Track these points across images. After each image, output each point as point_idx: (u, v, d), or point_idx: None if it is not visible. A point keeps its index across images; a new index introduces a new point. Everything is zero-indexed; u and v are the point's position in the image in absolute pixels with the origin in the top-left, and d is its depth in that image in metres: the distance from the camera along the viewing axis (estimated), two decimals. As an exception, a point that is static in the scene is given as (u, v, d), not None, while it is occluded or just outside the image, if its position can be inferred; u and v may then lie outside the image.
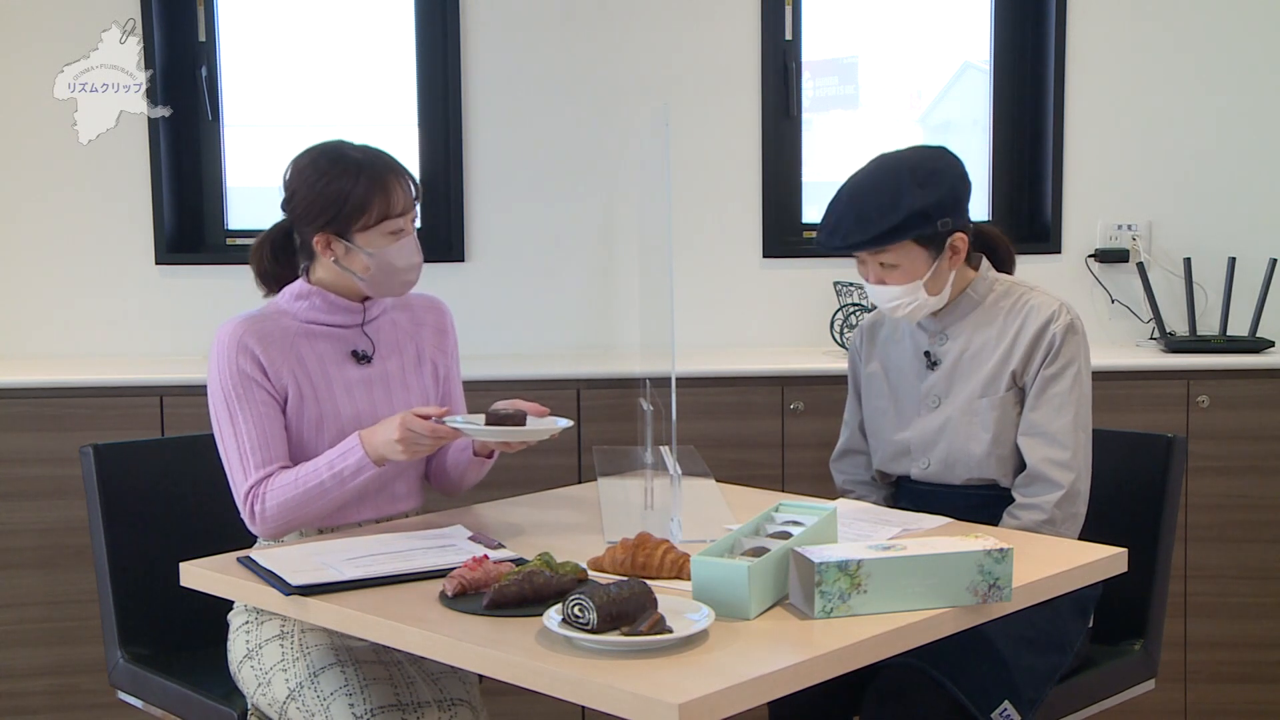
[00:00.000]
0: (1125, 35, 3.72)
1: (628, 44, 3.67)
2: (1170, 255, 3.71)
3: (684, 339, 3.56)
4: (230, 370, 2.19)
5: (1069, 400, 2.32)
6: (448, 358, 2.41)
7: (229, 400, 2.19)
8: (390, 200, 2.20)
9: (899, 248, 2.31)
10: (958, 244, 2.35)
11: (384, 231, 2.20)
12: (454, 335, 2.44)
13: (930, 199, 2.29)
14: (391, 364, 2.33)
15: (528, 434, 2.18)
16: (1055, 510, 2.27)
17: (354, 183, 2.18)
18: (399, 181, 2.22)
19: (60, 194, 3.59)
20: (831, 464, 2.63)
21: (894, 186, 2.30)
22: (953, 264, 2.36)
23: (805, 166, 3.77)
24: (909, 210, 2.28)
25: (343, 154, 2.22)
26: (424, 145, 3.71)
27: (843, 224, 2.34)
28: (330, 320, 2.29)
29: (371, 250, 2.20)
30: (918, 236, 2.31)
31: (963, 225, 2.35)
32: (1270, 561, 3.34)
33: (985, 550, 1.77)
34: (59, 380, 3.19)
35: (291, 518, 2.17)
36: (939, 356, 2.43)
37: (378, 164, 2.22)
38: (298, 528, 2.21)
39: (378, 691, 2.03)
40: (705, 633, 1.62)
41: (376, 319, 2.34)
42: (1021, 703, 2.11)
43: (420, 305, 2.42)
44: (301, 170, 2.23)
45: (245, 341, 2.20)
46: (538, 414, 2.23)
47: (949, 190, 2.32)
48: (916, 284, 2.34)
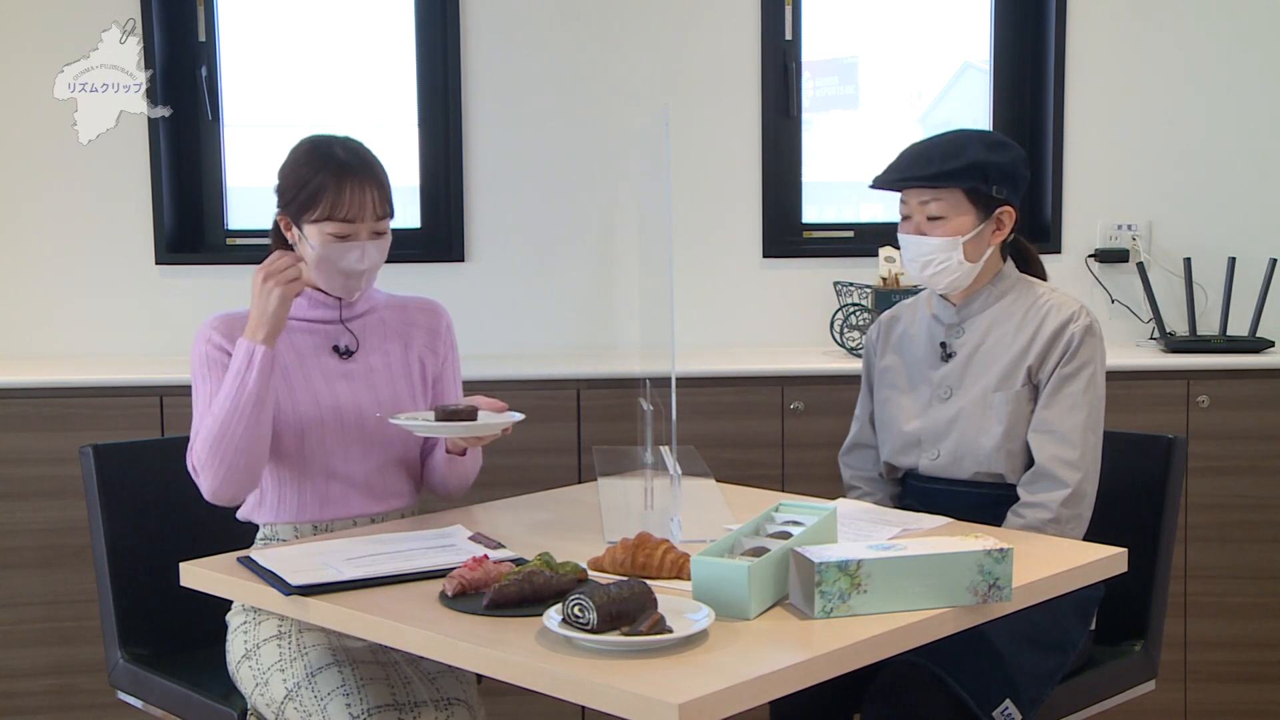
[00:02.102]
0: (1125, 35, 3.72)
1: (628, 44, 3.67)
2: (1170, 255, 3.71)
3: (684, 339, 3.56)
4: (199, 355, 2.26)
5: (1082, 401, 2.32)
6: (438, 358, 2.42)
7: (195, 379, 2.26)
8: (337, 202, 2.21)
9: (950, 195, 2.35)
10: (1004, 218, 2.38)
11: (329, 230, 2.22)
12: (448, 337, 2.44)
13: (993, 160, 2.34)
14: (375, 359, 2.35)
15: (470, 429, 2.17)
16: (1061, 509, 2.27)
17: (314, 174, 2.22)
18: (360, 188, 2.22)
19: (60, 194, 3.59)
20: (840, 458, 2.63)
21: (962, 142, 2.37)
22: (995, 237, 2.39)
23: (805, 166, 3.77)
24: (971, 160, 2.33)
25: (323, 146, 2.26)
26: (424, 145, 3.71)
27: (903, 163, 2.39)
28: (310, 315, 2.32)
29: (314, 244, 2.24)
30: (971, 191, 2.34)
31: (1014, 203, 2.39)
32: (1270, 561, 3.34)
33: (985, 550, 1.77)
34: (59, 380, 3.19)
35: (221, 453, 2.14)
36: (954, 348, 2.43)
37: (346, 165, 2.23)
38: (237, 473, 2.16)
39: (375, 691, 2.04)
40: (705, 633, 1.62)
41: (363, 316, 2.36)
42: (1023, 702, 2.11)
43: (415, 306, 2.44)
44: (290, 152, 2.29)
45: (213, 336, 2.26)
46: (494, 409, 2.24)
47: (1010, 163, 2.37)
48: (956, 241, 2.35)
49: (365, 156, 2.26)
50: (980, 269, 2.40)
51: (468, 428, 2.17)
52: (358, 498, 2.30)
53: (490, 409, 2.24)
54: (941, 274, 2.39)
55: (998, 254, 2.43)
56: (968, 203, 2.35)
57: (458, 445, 2.31)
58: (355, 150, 2.26)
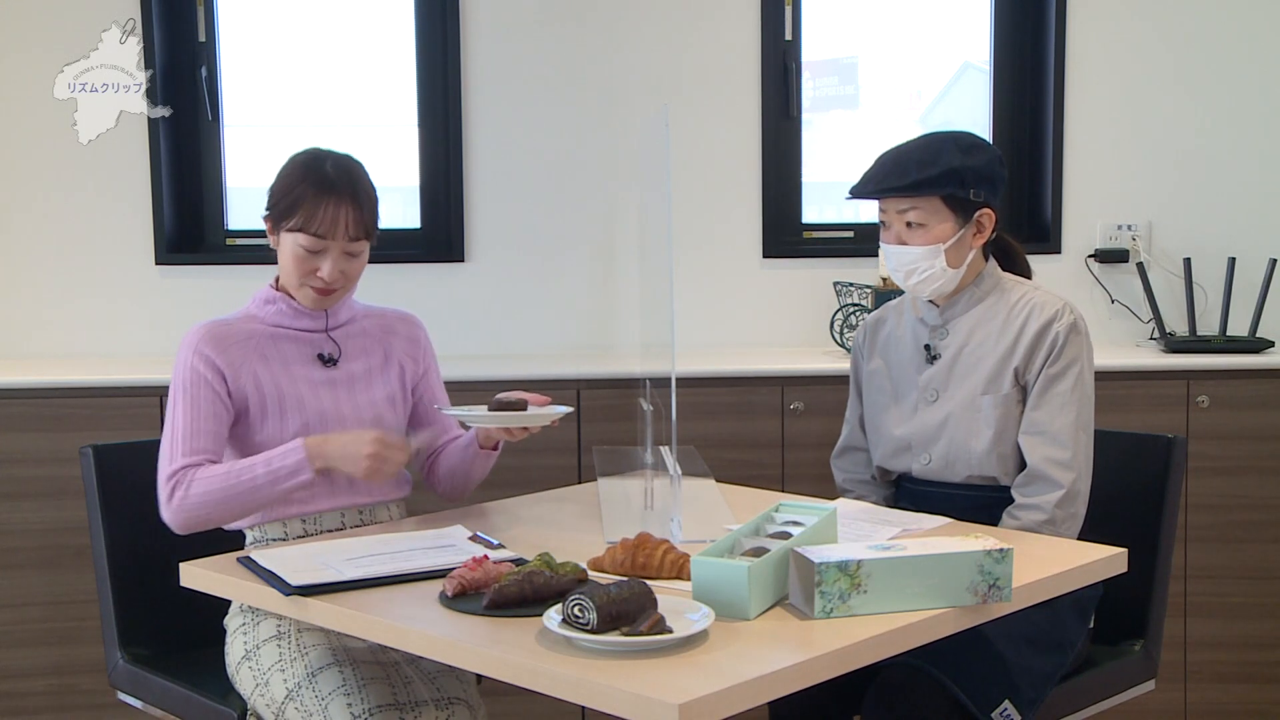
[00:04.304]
0: (1125, 36, 3.72)
1: (628, 44, 3.67)
2: (1170, 255, 3.71)
3: (684, 339, 3.56)
4: (184, 367, 2.27)
5: (1071, 400, 2.32)
6: (418, 364, 2.45)
7: (176, 392, 2.26)
8: (312, 216, 2.23)
9: (929, 204, 2.34)
10: (984, 220, 2.37)
11: (300, 241, 2.24)
12: (428, 346, 2.49)
13: (969, 164, 2.33)
14: (357, 365, 2.38)
15: (527, 418, 2.24)
16: (1055, 510, 2.27)
17: (296, 185, 2.25)
18: (337, 207, 2.23)
19: (60, 194, 3.59)
20: (832, 461, 2.63)
21: (936, 147, 2.36)
22: (976, 241, 2.38)
23: (805, 166, 3.77)
24: (947, 167, 2.32)
25: (316, 160, 2.28)
26: (424, 145, 3.71)
27: (879, 172, 2.38)
28: (295, 325, 2.35)
29: (288, 251, 2.27)
30: (949, 197, 2.34)
31: (993, 204, 2.38)
32: (1270, 561, 3.34)
33: (985, 550, 1.77)
34: (59, 380, 3.19)
35: (212, 508, 2.17)
36: (939, 350, 2.43)
37: (330, 182, 2.24)
38: (212, 522, 2.20)
39: (375, 691, 2.04)
40: (705, 633, 1.62)
41: (344, 325, 2.39)
42: (1022, 702, 2.11)
43: (393, 316, 2.48)
44: (288, 159, 2.32)
45: (201, 347, 2.26)
46: (539, 404, 2.30)
47: (987, 164, 2.36)
48: (938, 248, 2.35)
49: (354, 176, 2.28)
50: (963, 272, 2.40)
51: (521, 417, 2.23)
52: (344, 490, 2.31)
53: (537, 403, 2.29)
54: (926, 282, 2.39)
55: (980, 255, 2.42)
56: (946, 209, 2.35)
57: (491, 439, 2.34)
58: (346, 169, 2.28)
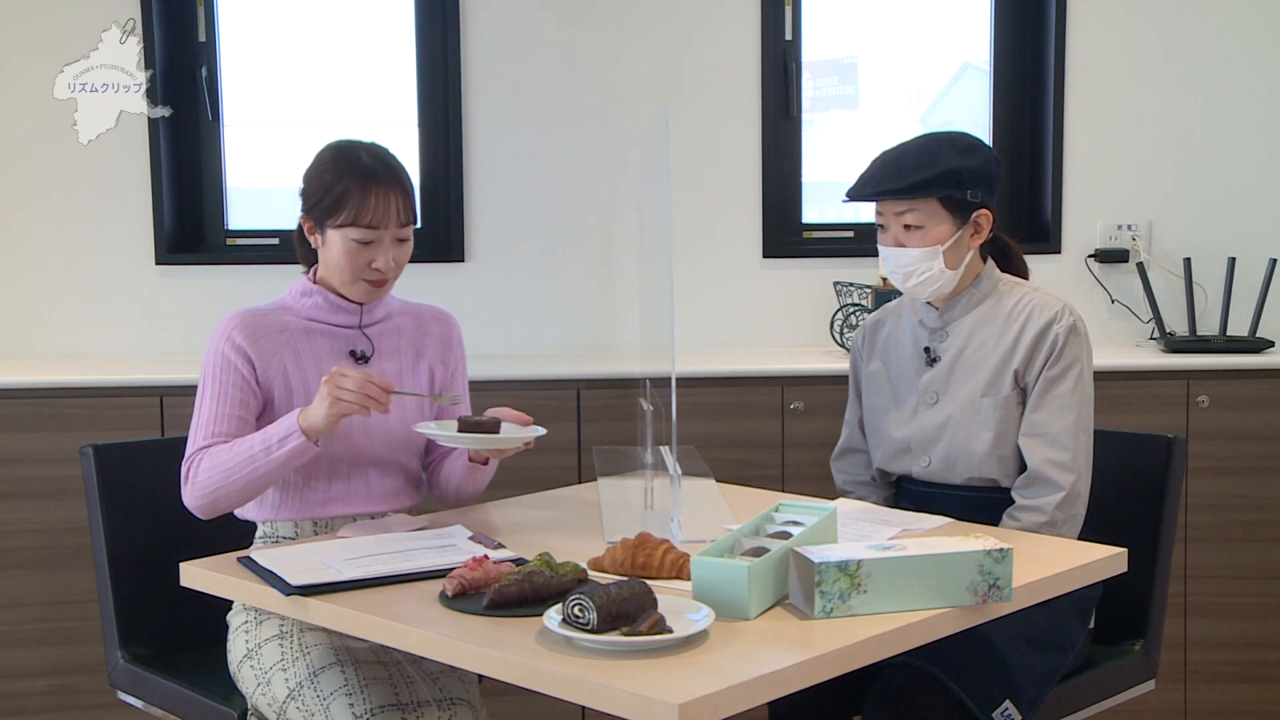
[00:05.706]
0: (1125, 36, 3.72)
1: (628, 45, 3.67)
2: (1170, 255, 3.71)
3: (684, 339, 3.56)
4: (215, 354, 2.26)
5: (1071, 401, 2.32)
6: (447, 369, 2.44)
7: (205, 378, 2.26)
8: (362, 208, 2.22)
9: (926, 205, 2.33)
10: (981, 221, 2.37)
11: (352, 235, 2.23)
12: (459, 349, 2.47)
13: (966, 165, 2.33)
14: (389, 365, 2.36)
15: (496, 441, 2.20)
16: (1056, 512, 2.27)
17: (338, 180, 2.23)
18: (385, 195, 2.23)
19: (60, 194, 3.59)
20: (832, 463, 2.63)
21: (933, 149, 2.35)
22: (973, 241, 2.38)
23: (805, 167, 3.77)
24: (944, 168, 2.31)
25: (349, 152, 2.27)
26: (424, 145, 3.71)
27: (876, 174, 2.37)
28: (330, 319, 2.33)
29: (336, 249, 2.25)
30: (946, 199, 2.33)
31: (989, 204, 2.37)
32: (1270, 561, 3.34)
33: (985, 550, 1.77)
34: (59, 380, 3.19)
35: (218, 486, 2.17)
36: (938, 353, 2.43)
37: (372, 171, 2.24)
38: (222, 503, 2.21)
39: (377, 691, 2.04)
40: (705, 633, 1.62)
41: (379, 322, 2.37)
42: (1022, 702, 2.11)
43: (429, 314, 2.46)
44: (316, 157, 2.30)
45: (233, 335, 2.26)
46: (520, 422, 2.26)
47: (983, 165, 2.35)
48: (936, 250, 2.34)
49: (390, 163, 2.28)
50: (961, 273, 2.40)
51: (489, 440, 2.19)
52: (360, 498, 2.30)
53: (515, 421, 2.26)
54: (924, 284, 2.38)
55: (978, 256, 2.42)
56: (944, 210, 2.34)
57: (480, 455, 2.33)
58: (381, 156, 2.28)
